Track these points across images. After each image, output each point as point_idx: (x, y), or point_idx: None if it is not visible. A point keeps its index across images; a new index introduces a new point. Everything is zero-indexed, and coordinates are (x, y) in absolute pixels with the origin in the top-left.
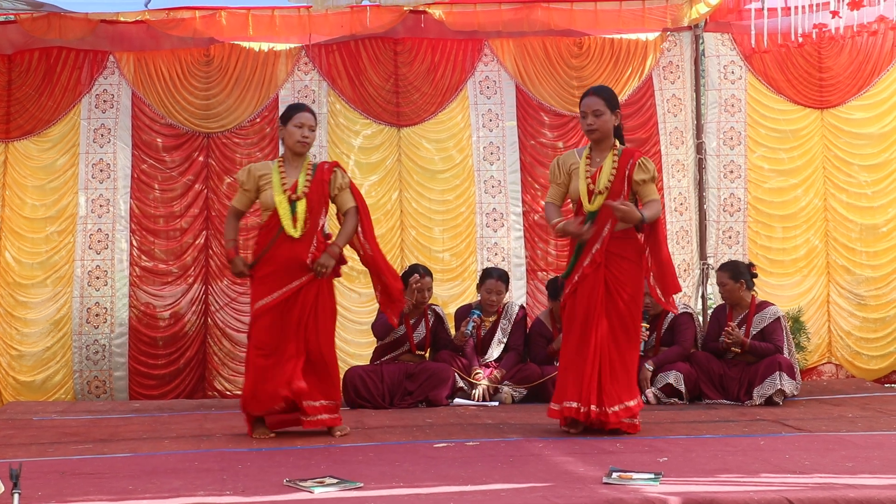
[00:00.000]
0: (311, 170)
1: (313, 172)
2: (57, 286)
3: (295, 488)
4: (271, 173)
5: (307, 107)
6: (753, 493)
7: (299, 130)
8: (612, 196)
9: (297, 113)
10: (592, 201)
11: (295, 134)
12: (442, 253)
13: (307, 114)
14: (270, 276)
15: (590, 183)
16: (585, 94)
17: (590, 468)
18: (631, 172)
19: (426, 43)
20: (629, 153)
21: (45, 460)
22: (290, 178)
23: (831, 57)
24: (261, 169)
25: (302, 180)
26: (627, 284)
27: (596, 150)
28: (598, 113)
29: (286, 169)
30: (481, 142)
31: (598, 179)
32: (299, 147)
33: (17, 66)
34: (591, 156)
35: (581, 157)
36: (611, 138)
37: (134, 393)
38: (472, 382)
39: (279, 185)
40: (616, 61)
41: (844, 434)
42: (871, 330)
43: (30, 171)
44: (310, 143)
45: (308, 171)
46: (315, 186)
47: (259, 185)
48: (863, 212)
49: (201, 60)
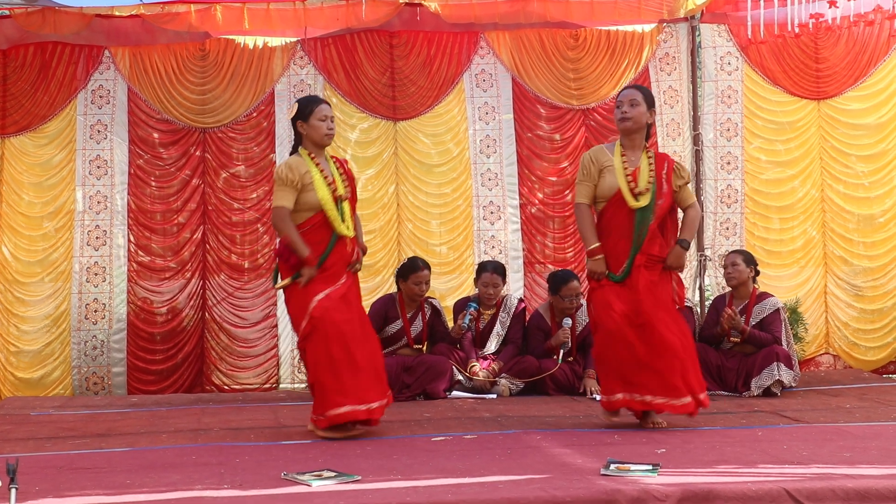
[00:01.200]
0: (337, 165)
1: (339, 168)
2: (55, 283)
3: (293, 482)
4: (311, 171)
5: (324, 99)
6: (751, 483)
7: (324, 123)
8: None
9: (317, 106)
10: (638, 199)
11: (321, 128)
12: (439, 246)
13: (327, 105)
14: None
15: (630, 181)
16: (624, 89)
17: (588, 460)
18: (669, 177)
19: (422, 36)
20: (662, 157)
21: (43, 455)
22: (328, 175)
23: (828, 47)
24: (300, 166)
25: (339, 179)
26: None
27: (628, 146)
28: (634, 103)
29: (322, 165)
30: (478, 135)
31: (638, 178)
32: (327, 140)
33: (11, 61)
34: (625, 153)
35: (614, 153)
36: (641, 136)
37: (132, 388)
38: (469, 376)
39: (323, 183)
40: (612, 53)
41: (842, 425)
42: (868, 321)
43: (26, 167)
44: (333, 136)
45: (336, 166)
46: (351, 183)
47: (304, 184)
48: (860, 202)
49: (197, 55)
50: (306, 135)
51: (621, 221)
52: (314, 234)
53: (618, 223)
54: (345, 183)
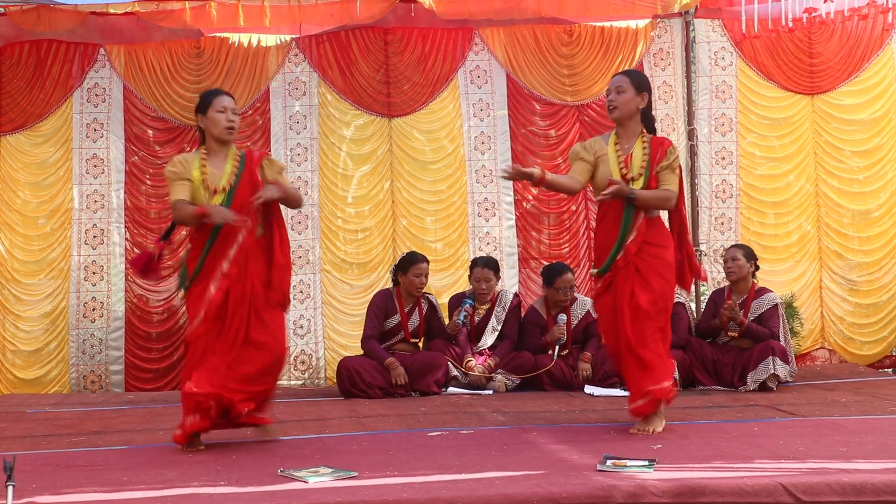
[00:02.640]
0: (239, 161)
1: (241, 164)
2: (53, 281)
3: (289, 478)
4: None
5: (225, 91)
6: (747, 478)
7: (223, 115)
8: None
9: (215, 98)
10: (629, 185)
11: (220, 120)
12: (434, 243)
13: (228, 97)
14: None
15: (622, 167)
16: (615, 75)
17: (584, 456)
18: (660, 162)
19: (416, 32)
20: (659, 141)
21: (39, 453)
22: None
23: (821, 42)
24: (187, 161)
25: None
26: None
27: (622, 134)
28: (620, 90)
29: (210, 163)
30: (472, 131)
31: (630, 164)
32: (227, 134)
33: (7, 59)
34: (618, 141)
35: (608, 143)
36: (636, 122)
37: (130, 386)
38: (465, 371)
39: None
40: (606, 49)
41: (838, 419)
42: (863, 315)
43: (22, 166)
44: (236, 129)
45: (235, 162)
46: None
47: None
48: (854, 197)
49: (192, 53)
50: (206, 129)
51: (616, 211)
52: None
53: (613, 213)
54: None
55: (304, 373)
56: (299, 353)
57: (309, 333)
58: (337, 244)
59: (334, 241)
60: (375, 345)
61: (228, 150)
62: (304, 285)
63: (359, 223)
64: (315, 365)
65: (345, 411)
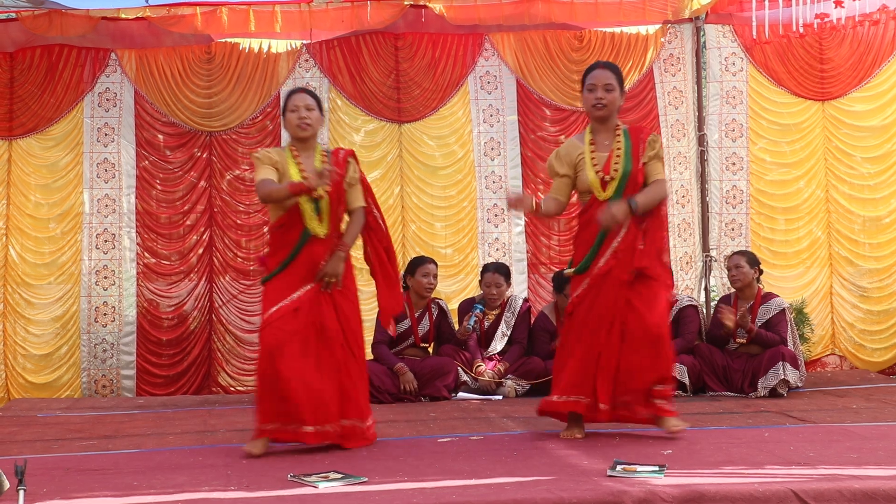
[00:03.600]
0: (327, 158)
1: (329, 162)
2: (64, 285)
3: (299, 483)
4: (286, 162)
5: (302, 88)
6: (758, 485)
7: (295, 114)
8: (630, 182)
9: (289, 98)
10: (606, 189)
11: (292, 119)
12: (444, 248)
13: (301, 94)
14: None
15: (598, 170)
16: (592, 67)
17: (594, 461)
18: (643, 152)
19: (427, 38)
20: (637, 131)
21: (50, 457)
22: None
23: (832, 48)
24: (276, 153)
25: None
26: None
27: (600, 132)
28: (609, 88)
29: (301, 159)
30: (482, 137)
31: (609, 165)
32: (300, 131)
33: (19, 63)
34: (594, 140)
35: (584, 144)
36: (615, 119)
37: (141, 391)
38: (475, 376)
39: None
40: (616, 54)
41: (849, 425)
42: (874, 322)
43: (33, 169)
44: (312, 124)
45: (323, 159)
46: (336, 183)
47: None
48: (865, 203)
49: (203, 58)
50: (286, 128)
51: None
52: (285, 234)
53: (593, 211)
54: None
55: None
56: None
57: None
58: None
59: None
60: (385, 350)
61: (314, 147)
62: None
63: None
64: None
65: None
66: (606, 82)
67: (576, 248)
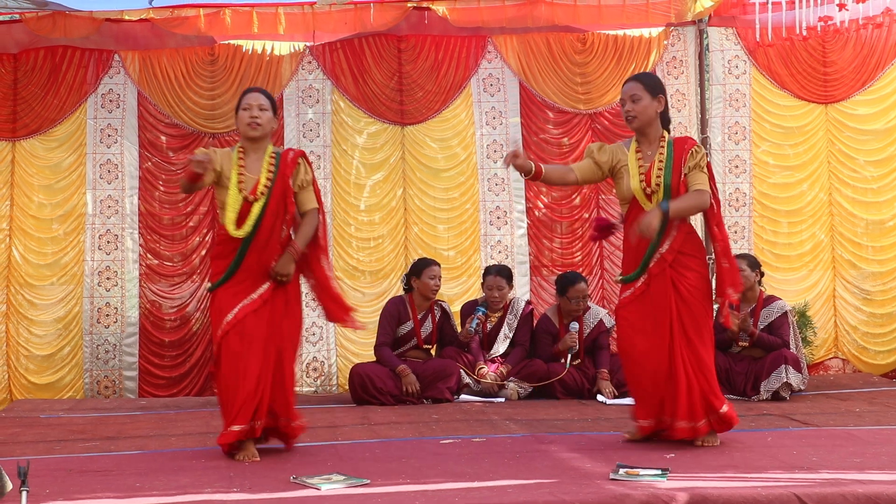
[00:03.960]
0: (274, 165)
1: (276, 169)
2: (66, 286)
3: (302, 485)
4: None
5: (257, 88)
6: (761, 489)
7: (247, 112)
8: (672, 194)
9: (243, 97)
10: (651, 200)
11: (243, 117)
12: (446, 251)
13: (255, 93)
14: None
15: (643, 181)
16: (625, 81)
17: (597, 464)
18: (685, 163)
19: (430, 40)
20: (681, 142)
21: (53, 458)
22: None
23: (835, 51)
24: (224, 155)
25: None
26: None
27: (643, 142)
28: (635, 98)
29: (247, 160)
30: (485, 139)
31: (650, 176)
32: (249, 130)
33: (22, 65)
34: (640, 149)
35: (630, 151)
36: (656, 127)
37: (144, 392)
38: (477, 379)
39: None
40: (619, 57)
41: (852, 429)
42: (877, 325)
43: (37, 170)
44: (262, 124)
45: (270, 166)
46: (278, 187)
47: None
48: (868, 207)
49: (206, 60)
50: (237, 126)
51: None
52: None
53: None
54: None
55: (316, 380)
56: (311, 360)
57: (321, 340)
58: (349, 252)
59: (346, 248)
60: (388, 352)
61: (264, 148)
62: None
63: (371, 231)
64: (327, 372)
65: (357, 418)
66: (632, 94)
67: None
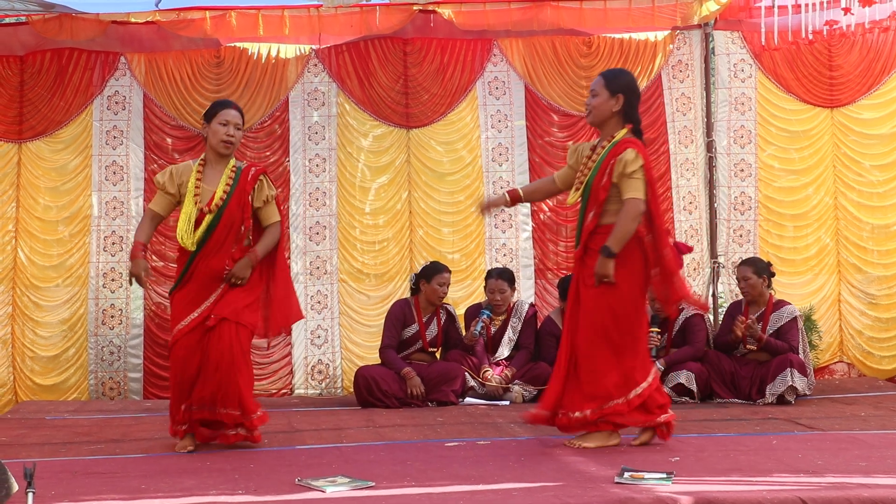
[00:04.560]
0: (234, 179)
1: (234, 182)
2: (72, 287)
3: (307, 487)
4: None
5: (234, 104)
6: (766, 492)
7: (224, 129)
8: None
9: (222, 109)
10: (572, 196)
11: (219, 132)
12: (451, 254)
13: (233, 111)
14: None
15: (579, 178)
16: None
17: (601, 468)
18: (613, 167)
19: (435, 43)
20: (621, 144)
21: (58, 460)
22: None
23: (841, 55)
24: (182, 173)
25: (220, 190)
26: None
27: (602, 137)
28: (594, 93)
29: (206, 172)
30: (490, 142)
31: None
32: (223, 147)
33: (28, 67)
34: (596, 145)
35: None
36: (612, 125)
37: (148, 393)
38: (482, 382)
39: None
40: (625, 61)
41: (857, 433)
42: (882, 329)
43: (42, 172)
44: (234, 143)
45: (229, 179)
46: (234, 201)
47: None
48: (874, 211)
49: (212, 62)
50: (207, 138)
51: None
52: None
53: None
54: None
55: (321, 382)
56: (316, 363)
57: (326, 343)
58: (354, 254)
59: (351, 251)
60: (393, 354)
61: (226, 163)
62: (322, 295)
63: (376, 234)
64: (332, 374)
65: (362, 421)
66: (593, 88)
67: None
